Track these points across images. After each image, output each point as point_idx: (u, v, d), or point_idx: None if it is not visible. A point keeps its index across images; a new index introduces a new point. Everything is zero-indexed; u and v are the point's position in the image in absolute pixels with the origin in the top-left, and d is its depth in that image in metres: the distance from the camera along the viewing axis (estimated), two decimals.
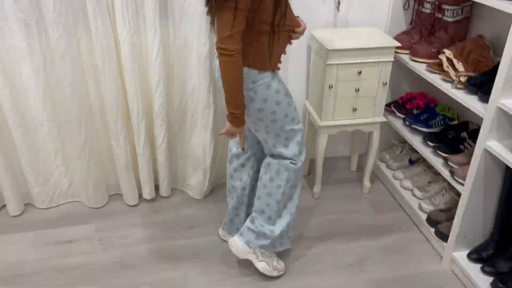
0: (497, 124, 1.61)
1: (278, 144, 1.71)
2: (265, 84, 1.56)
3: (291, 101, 1.67)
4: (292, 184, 1.78)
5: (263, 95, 1.57)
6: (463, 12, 2.00)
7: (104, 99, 2.07)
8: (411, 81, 2.39)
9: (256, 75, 1.54)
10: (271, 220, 1.80)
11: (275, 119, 1.63)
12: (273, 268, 1.88)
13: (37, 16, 1.86)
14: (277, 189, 1.76)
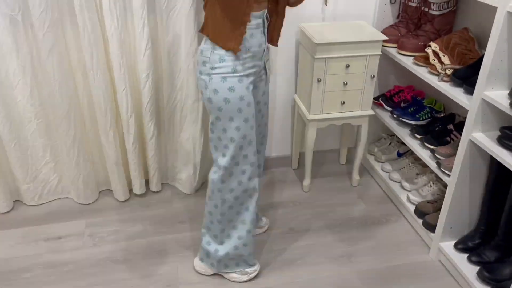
0: (482, 115, 1.64)
1: (217, 148, 1.60)
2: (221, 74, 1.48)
3: (249, 119, 1.54)
4: (231, 205, 1.68)
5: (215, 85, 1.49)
6: (449, 6, 2.02)
7: (92, 95, 2.06)
8: (398, 74, 2.41)
9: (216, 61, 1.47)
10: (218, 239, 1.76)
11: (219, 116, 1.53)
12: (242, 273, 1.83)
13: (23, 11, 1.84)
14: (214, 208, 1.70)
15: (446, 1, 2.00)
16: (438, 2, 2.01)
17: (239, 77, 1.50)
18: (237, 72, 1.49)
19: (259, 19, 1.48)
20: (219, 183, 1.64)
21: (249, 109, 1.54)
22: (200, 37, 2.00)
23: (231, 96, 1.49)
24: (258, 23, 1.48)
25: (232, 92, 1.49)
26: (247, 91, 1.52)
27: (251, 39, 1.49)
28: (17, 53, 1.90)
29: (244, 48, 1.48)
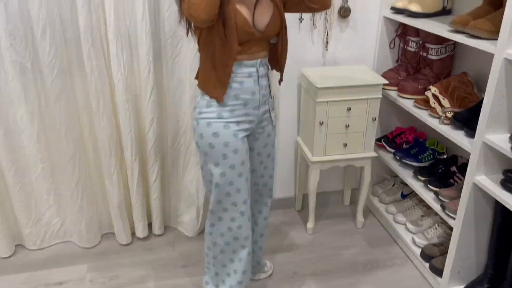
0: (484, 159, 1.65)
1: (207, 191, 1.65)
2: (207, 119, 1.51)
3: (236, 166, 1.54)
4: (222, 249, 1.67)
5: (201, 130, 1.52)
6: (447, 51, 2.07)
7: (98, 139, 2.09)
8: (399, 116, 2.44)
9: (203, 106, 1.51)
10: (214, 281, 1.77)
11: (206, 160, 1.56)
12: None
13: (32, 59, 1.90)
14: (208, 250, 1.75)
15: (443, 46, 2.06)
16: (436, 47, 2.06)
17: (224, 123, 1.51)
18: (222, 118, 1.51)
19: (251, 68, 1.50)
20: (209, 226, 1.68)
21: (236, 156, 1.53)
22: None
23: (215, 142, 1.51)
24: (251, 72, 1.50)
25: (216, 138, 1.51)
26: (234, 138, 1.52)
27: (240, 87, 1.50)
28: (25, 99, 1.95)
29: (231, 96, 1.49)
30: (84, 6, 1.83)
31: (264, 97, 1.58)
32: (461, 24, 1.69)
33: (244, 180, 1.58)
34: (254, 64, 1.50)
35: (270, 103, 1.65)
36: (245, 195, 1.60)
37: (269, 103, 1.64)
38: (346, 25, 2.24)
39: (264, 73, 1.55)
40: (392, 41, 2.28)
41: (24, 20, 1.83)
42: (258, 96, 1.54)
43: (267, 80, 1.58)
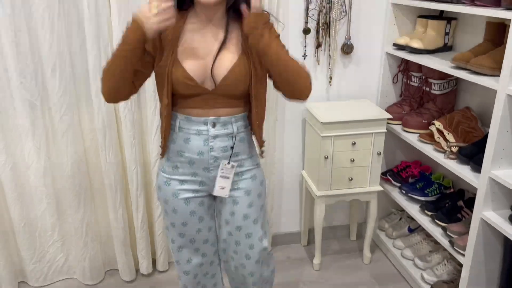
0: (491, 194, 1.63)
1: None
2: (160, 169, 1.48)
3: (177, 225, 1.47)
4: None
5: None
6: (449, 86, 2.10)
7: (103, 174, 2.10)
8: (404, 150, 2.44)
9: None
10: None
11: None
12: None
13: (42, 96, 1.94)
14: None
15: (446, 82, 2.08)
16: (439, 82, 2.09)
17: (166, 179, 1.44)
18: (165, 172, 1.44)
19: (201, 126, 1.35)
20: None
21: (175, 216, 1.46)
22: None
23: (159, 194, 1.48)
24: (200, 130, 1.35)
25: (159, 191, 1.47)
26: (173, 197, 1.43)
27: (185, 144, 1.38)
28: (33, 135, 1.97)
29: (175, 151, 1.40)
30: (94, 45, 1.88)
31: (219, 160, 1.39)
32: (463, 60, 1.72)
33: (187, 241, 1.50)
34: (205, 122, 1.35)
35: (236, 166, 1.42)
36: (189, 255, 1.52)
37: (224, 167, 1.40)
38: (349, 61, 2.28)
39: (222, 134, 1.37)
40: (395, 76, 2.31)
41: (34, 59, 1.88)
42: (207, 158, 1.38)
43: (230, 142, 1.38)
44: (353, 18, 2.20)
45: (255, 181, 1.48)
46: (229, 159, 1.40)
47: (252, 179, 1.47)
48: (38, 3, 1.79)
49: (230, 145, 1.39)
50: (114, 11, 1.86)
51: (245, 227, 1.47)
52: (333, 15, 2.14)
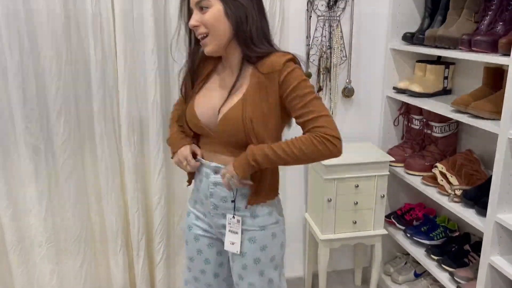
0: (498, 238, 1.61)
1: None
2: None
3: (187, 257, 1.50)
4: None
5: None
6: (450, 129, 2.11)
7: (105, 217, 2.09)
8: (408, 192, 2.43)
9: None
10: None
11: None
12: None
13: (46, 140, 1.95)
14: None
15: (447, 125, 2.10)
16: (440, 125, 2.10)
17: (188, 209, 1.50)
18: (190, 203, 1.49)
19: (206, 169, 1.35)
20: None
21: (187, 247, 1.49)
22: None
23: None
24: (206, 172, 1.34)
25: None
26: (188, 229, 1.48)
27: (199, 183, 1.40)
28: (36, 179, 1.97)
29: (194, 186, 1.44)
30: (99, 90, 1.92)
31: (219, 209, 1.35)
32: (463, 104, 1.74)
33: (191, 277, 1.49)
34: (209, 166, 1.34)
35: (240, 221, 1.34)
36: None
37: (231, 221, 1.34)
38: (350, 104, 2.32)
39: (220, 182, 1.31)
40: (396, 119, 2.34)
41: (40, 104, 1.91)
42: (208, 203, 1.37)
43: (231, 194, 1.32)
44: (353, 63, 2.25)
45: (253, 245, 1.35)
46: (233, 213, 1.34)
47: (249, 241, 1.35)
48: (46, 51, 1.85)
49: (231, 198, 1.33)
50: (120, 57, 1.91)
51: (249, 278, 1.39)
52: (333, 60, 2.20)
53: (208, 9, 1.21)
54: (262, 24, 1.27)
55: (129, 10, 1.90)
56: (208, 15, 1.21)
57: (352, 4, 2.17)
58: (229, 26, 1.23)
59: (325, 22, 2.16)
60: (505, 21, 1.64)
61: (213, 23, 1.21)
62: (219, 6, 1.21)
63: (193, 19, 1.23)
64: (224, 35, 1.24)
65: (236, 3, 1.21)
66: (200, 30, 1.24)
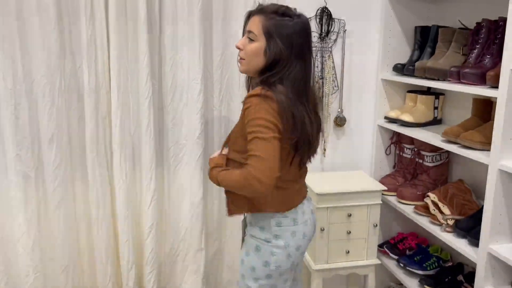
0: (492, 270, 1.60)
1: None
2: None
3: None
4: None
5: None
6: (441, 158, 2.13)
7: (94, 247, 2.05)
8: (400, 221, 2.43)
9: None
10: None
11: None
12: None
13: (37, 168, 1.93)
14: None
15: (438, 154, 2.12)
16: (431, 155, 2.12)
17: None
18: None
19: None
20: None
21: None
22: (205, 188, 2.10)
23: None
24: None
25: None
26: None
27: None
28: (25, 207, 1.94)
29: None
30: (91, 118, 1.92)
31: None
32: (453, 135, 1.76)
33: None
34: None
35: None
36: None
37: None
38: (342, 133, 2.34)
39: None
40: (387, 148, 2.36)
41: (32, 131, 1.90)
42: None
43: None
44: (345, 93, 2.28)
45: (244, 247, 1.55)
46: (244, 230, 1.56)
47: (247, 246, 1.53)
48: (39, 79, 1.85)
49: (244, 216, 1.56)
50: (114, 86, 1.92)
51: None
52: (325, 90, 2.23)
53: (253, 41, 1.39)
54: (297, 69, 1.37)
55: (124, 40, 1.92)
56: (251, 47, 1.39)
57: (344, 36, 2.21)
58: (262, 61, 1.39)
59: (317, 53, 2.20)
60: (492, 54, 1.68)
61: (252, 54, 1.39)
62: (263, 43, 1.37)
63: (240, 41, 1.43)
64: (257, 66, 1.41)
65: (275, 46, 1.35)
66: (241, 54, 1.43)
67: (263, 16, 1.37)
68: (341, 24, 2.20)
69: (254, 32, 1.37)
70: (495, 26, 1.68)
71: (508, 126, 1.49)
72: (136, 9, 1.89)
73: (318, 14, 2.16)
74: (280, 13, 1.36)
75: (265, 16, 1.36)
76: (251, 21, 1.40)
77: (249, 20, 1.42)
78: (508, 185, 1.54)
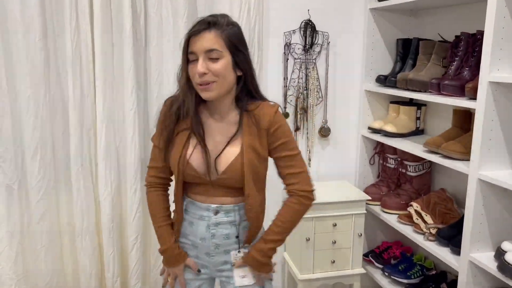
0: (473, 277, 1.63)
1: None
2: None
3: None
4: None
5: None
6: (424, 168, 2.17)
7: (78, 260, 2.03)
8: (385, 230, 2.45)
9: None
10: None
11: None
12: None
13: (20, 180, 1.91)
14: None
15: (421, 164, 2.16)
16: (414, 164, 2.16)
17: None
18: None
19: (203, 211, 1.38)
20: None
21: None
22: None
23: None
24: (202, 215, 1.38)
25: None
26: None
27: (189, 227, 1.41)
28: (7, 220, 1.91)
29: (182, 232, 1.43)
30: (76, 130, 1.92)
31: (221, 247, 1.39)
32: (435, 145, 1.80)
33: None
34: (207, 208, 1.38)
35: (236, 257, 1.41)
36: None
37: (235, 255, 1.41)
38: (327, 143, 2.36)
39: (224, 221, 1.38)
40: (371, 158, 2.39)
41: (16, 143, 1.88)
42: (208, 244, 1.39)
43: (233, 230, 1.38)
44: (329, 103, 2.32)
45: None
46: (238, 247, 1.41)
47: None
48: (24, 90, 1.84)
49: (234, 234, 1.39)
50: (99, 97, 1.92)
51: None
52: (310, 101, 2.25)
53: (218, 59, 1.26)
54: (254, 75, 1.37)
55: (109, 51, 1.92)
56: (220, 65, 1.26)
57: (328, 47, 2.25)
58: (234, 78, 1.31)
59: (301, 64, 2.23)
60: (471, 67, 1.73)
61: (224, 72, 1.27)
62: (229, 58, 1.27)
63: (202, 66, 1.24)
64: (230, 84, 1.31)
65: (242, 56, 1.30)
66: (207, 78, 1.26)
67: (218, 31, 1.25)
68: (325, 37, 2.24)
69: (217, 49, 1.24)
70: (473, 39, 1.73)
71: (486, 137, 1.53)
72: (122, 21, 1.90)
73: (302, 26, 2.20)
74: (230, 23, 1.29)
75: (221, 30, 1.25)
76: (204, 40, 1.23)
77: (197, 39, 1.24)
78: (488, 194, 1.58)
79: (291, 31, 2.19)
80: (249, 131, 1.34)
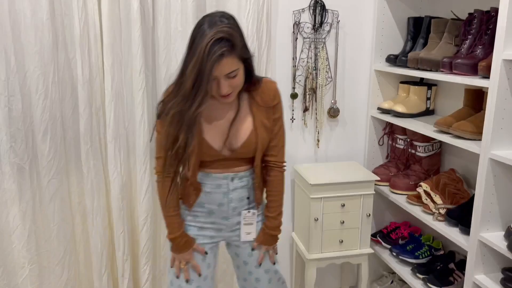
0: (482, 257, 1.63)
1: None
2: None
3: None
4: None
5: None
6: (434, 148, 2.16)
7: (90, 238, 2.06)
8: (393, 211, 2.45)
9: None
10: None
11: None
12: None
13: (31, 160, 1.93)
14: None
15: (430, 144, 2.14)
16: (423, 145, 2.15)
17: (186, 225, 1.55)
18: (185, 219, 1.56)
19: (221, 180, 1.49)
20: None
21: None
22: None
23: None
24: (220, 184, 1.49)
25: None
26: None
27: (205, 197, 1.51)
28: (19, 200, 1.94)
29: (197, 203, 1.52)
30: (85, 110, 1.92)
31: (237, 209, 1.54)
32: (445, 125, 1.78)
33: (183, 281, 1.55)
34: (225, 177, 1.50)
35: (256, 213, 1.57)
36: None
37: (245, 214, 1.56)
38: (336, 124, 2.35)
39: (240, 186, 1.52)
40: (380, 139, 2.37)
41: (26, 123, 1.90)
42: (226, 208, 1.53)
43: (246, 193, 1.54)
44: (339, 84, 2.30)
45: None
46: (248, 207, 1.56)
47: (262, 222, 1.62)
48: (33, 70, 1.84)
49: (246, 195, 1.54)
50: (108, 77, 1.92)
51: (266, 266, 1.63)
52: (319, 81, 2.23)
53: (236, 75, 1.33)
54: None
55: (117, 31, 1.91)
56: (238, 79, 1.34)
57: (337, 27, 2.22)
58: (244, 76, 1.38)
59: (310, 44, 2.20)
60: (484, 45, 1.70)
61: (241, 81, 1.38)
62: (242, 66, 1.35)
63: (225, 87, 1.32)
64: (242, 84, 1.40)
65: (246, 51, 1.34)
66: (229, 91, 1.34)
67: (234, 51, 1.27)
68: (335, 15, 2.21)
69: (236, 69, 1.31)
70: (487, 17, 1.69)
71: (499, 116, 1.51)
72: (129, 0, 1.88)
73: (311, 5, 2.16)
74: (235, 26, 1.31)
75: (236, 50, 1.28)
76: (225, 67, 1.27)
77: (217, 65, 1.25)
78: (499, 174, 1.57)
79: (300, 10, 2.16)
80: (257, 107, 1.46)
